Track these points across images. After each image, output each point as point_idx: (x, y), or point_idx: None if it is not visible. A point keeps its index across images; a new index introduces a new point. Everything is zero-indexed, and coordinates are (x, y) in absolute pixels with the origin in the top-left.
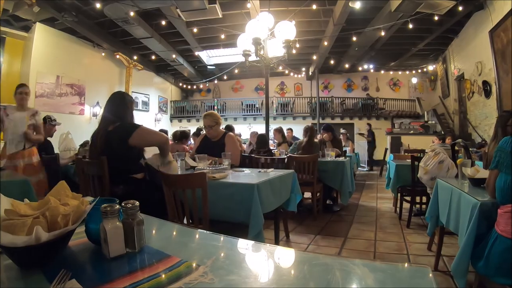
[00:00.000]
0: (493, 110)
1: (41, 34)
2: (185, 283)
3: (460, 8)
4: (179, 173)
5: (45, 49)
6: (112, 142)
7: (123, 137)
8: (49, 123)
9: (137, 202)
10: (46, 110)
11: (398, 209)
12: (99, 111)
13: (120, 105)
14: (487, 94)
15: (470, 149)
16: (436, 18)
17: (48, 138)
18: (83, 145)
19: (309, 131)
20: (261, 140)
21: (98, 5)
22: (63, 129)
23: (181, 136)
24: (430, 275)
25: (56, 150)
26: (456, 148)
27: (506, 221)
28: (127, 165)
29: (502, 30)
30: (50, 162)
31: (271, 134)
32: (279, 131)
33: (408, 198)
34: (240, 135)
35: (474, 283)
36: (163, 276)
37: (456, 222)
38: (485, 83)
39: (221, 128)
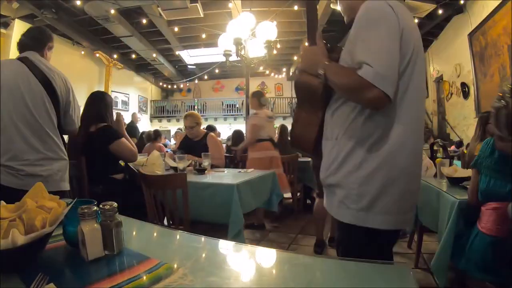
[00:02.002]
0: (471, 111)
1: (19, 31)
2: (165, 285)
3: (440, 12)
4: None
5: None
6: (94, 143)
7: (105, 141)
8: None
9: (115, 204)
10: None
11: None
12: None
13: (101, 106)
14: (466, 95)
15: (449, 149)
16: (416, 20)
17: None
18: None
19: (278, 129)
20: (236, 137)
21: (78, 2)
22: None
23: (155, 136)
24: (411, 273)
25: None
26: (435, 148)
27: (487, 218)
28: (107, 165)
29: (481, 33)
30: None
31: None
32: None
33: None
34: (219, 135)
35: (455, 280)
36: (143, 278)
37: (435, 220)
38: (463, 84)
39: (202, 128)
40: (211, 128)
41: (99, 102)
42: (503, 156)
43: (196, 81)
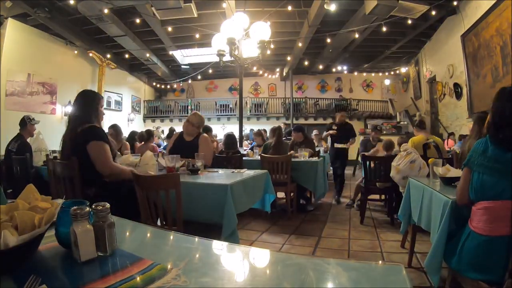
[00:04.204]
0: (464, 111)
1: (12, 30)
2: (158, 286)
3: (433, 13)
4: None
5: (16, 46)
6: (80, 145)
7: (84, 141)
8: (30, 123)
9: (108, 204)
10: (17, 109)
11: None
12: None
13: (90, 105)
14: (458, 96)
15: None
16: (409, 21)
17: (28, 139)
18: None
19: (277, 131)
20: (229, 141)
21: (72, 1)
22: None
23: (148, 136)
24: (404, 272)
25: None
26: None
27: (479, 218)
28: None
29: (474, 34)
30: (20, 163)
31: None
32: (259, 134)
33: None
34: (216, 136)
35: (447, 279)
36: (136, 279)
37: (428, 220)
38: (456, 85)
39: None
40: (206, 129)
41: (88, 102)
42: (496, 153)
43: (190, 81)
